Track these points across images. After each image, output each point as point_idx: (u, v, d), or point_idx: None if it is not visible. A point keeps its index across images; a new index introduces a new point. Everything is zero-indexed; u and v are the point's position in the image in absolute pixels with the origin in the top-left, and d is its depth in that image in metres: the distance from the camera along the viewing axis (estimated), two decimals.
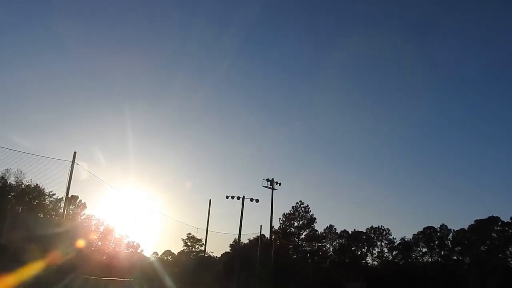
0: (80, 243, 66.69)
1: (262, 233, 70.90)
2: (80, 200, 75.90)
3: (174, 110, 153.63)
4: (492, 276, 76.24)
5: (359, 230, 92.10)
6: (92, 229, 76.72)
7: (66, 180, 26.99)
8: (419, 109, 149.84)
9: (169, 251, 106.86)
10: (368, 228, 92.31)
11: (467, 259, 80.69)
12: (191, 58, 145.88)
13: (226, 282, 74.11)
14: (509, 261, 78.11)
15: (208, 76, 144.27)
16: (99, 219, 76.97)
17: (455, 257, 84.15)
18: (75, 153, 28.64)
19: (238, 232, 61.18)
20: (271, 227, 59.68)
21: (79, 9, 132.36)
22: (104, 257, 73.98)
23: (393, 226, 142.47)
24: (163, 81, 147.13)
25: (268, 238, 70.39)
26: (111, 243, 79.30)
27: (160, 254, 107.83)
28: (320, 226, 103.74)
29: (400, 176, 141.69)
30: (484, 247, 79.51)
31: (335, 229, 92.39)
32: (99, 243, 76.14)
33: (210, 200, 52.84)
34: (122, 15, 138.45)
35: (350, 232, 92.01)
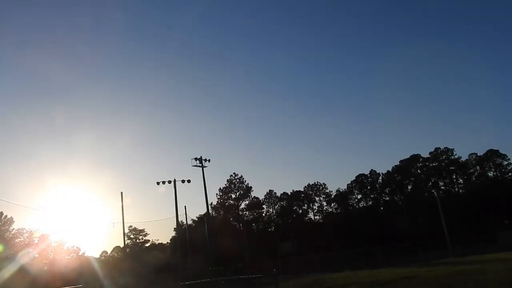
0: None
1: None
2: (6, 216, 72.36)
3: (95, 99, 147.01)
4: (421, 209, 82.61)
5: (298, 189, 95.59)
6: (26, 242, 74.03)
7: None
8: (334, 61, 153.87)
9: (118, 247, 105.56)
10: (305, 186, 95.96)
11: (397, 197, 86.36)
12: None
13: (174, 267, 74.78)
14: (432, 192, 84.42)
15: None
16: (31, 231, 74.00)
17: (387, 198, 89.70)
18: None
19: (175, 216, 61.26)
20: (207, 203, 59.92)
21: None
22: (45, 268, 71.82)
23: (329, 180, 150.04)
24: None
25: (207, 215, 71.30)
26: (50, 252, 76.73)
27: (109, 251, 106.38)
28: (260, 193, 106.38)
29: (329, 130, 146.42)
30: (410, 184, 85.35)
31: (275, 193, 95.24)
32: (36, 256, 73.38)
33: (121, 193, 51.85)
34: None
35: (289, 193, 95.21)
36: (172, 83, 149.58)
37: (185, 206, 57.96)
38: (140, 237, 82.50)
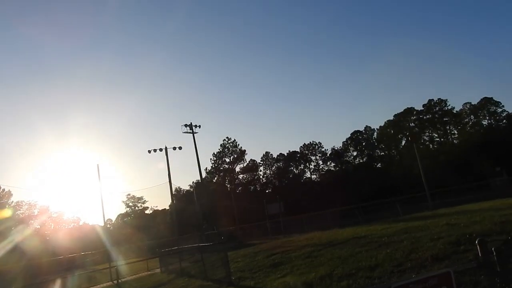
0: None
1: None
2: (3, 189, 73.22)
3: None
4: (415, 161, 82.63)
5: (294, 150, 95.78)
6: (26, 214, 75.35)
7: None
8: (328, 19, 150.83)
9: (121, 214, 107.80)
10: (301, 146, 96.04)
11: (392, 152, 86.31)
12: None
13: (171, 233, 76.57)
14: (427, 144, 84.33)
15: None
16: (30, 203, 75.12)
17: (382, 153, 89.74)
18: None
19: (168, 182, 61.86)
20: (200, 169, 60.10)
21: None
22: (47, 238, 73.42)
23: (325, 139, 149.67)
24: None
25: (200, 181, 71.95)
26: (50, 223, 78.18)
27: (114, 219, 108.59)
28: (257, 155, 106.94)
29: (322, 87, 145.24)
30: (404, 139, 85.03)
31: (271, 154, 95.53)
32: (37, 226, 74.88)
33: (98, 165, 52.17)
34: None
35: (285, 154, 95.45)
36: (162, 51, 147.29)
37: (169, 175, 56.98)
38: (139, 205, 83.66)
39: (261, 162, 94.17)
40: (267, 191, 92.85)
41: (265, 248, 22.20)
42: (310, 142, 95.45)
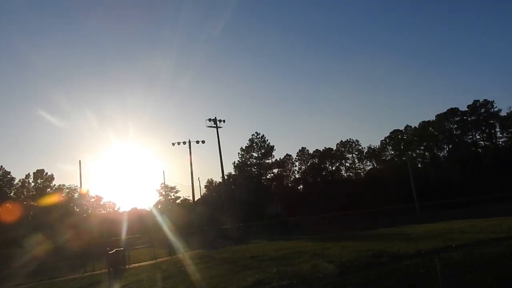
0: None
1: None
2: (47, 173, 78.78)
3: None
4: (456, 164, 77.88)
5: (329, 147, 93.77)
6: (67, 198, 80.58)
7: None
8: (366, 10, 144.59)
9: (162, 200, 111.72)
10: (338, 143, 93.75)
11: (430, 153, 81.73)
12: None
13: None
14: (470, 147, 78.96)
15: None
16: (70, 187, 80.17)
17: (422, 153, 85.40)
18: None
19: (190, 176, 63.17)
20: (222, 165, 60.69)
21: None
22: (85, 221, 78.00)
23: (362, 136, 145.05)
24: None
25: (230, 175, 72.43)
26: (88, 207, 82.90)
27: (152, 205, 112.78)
28: (293, 150, 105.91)
29: (361, 84, 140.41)
30: (444, 140, 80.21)
31: (307, 150, 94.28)
32: (77, 209, 79.85)
33: (80, 161, 55.27)
34: None
35: (321, 150, 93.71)
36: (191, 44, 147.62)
37: (191, 168, 57.41)
38: (172, 194, 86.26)
39: (297, 157, 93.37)
40: (298, 187, 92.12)
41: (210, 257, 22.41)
42: (347, 140, 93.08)
